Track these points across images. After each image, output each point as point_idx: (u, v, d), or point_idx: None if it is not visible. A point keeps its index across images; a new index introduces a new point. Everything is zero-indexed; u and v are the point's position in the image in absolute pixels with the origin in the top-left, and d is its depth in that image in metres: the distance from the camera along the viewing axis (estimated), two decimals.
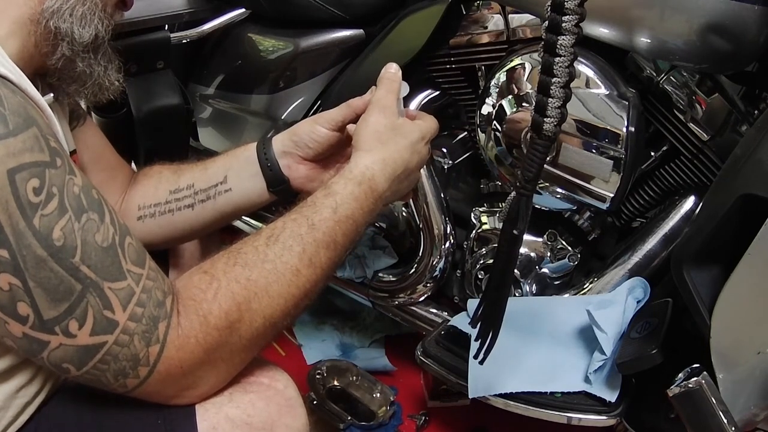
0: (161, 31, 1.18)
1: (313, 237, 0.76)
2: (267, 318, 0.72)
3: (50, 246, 0.59)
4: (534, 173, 0.75)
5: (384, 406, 1.32)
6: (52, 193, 0.60)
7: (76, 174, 0.63)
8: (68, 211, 0.61)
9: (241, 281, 0.70)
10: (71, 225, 0.61)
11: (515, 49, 1.06)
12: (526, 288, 1.14)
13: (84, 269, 0.61)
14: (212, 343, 0.68)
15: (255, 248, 0.73)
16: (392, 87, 0.92)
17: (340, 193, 0.81)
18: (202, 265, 0.73)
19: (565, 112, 0.71)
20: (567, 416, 0.97)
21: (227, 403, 0.71)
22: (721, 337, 0.79)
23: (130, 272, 0.65)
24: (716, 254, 0.82)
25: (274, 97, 1.27)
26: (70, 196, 0.62)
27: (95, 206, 0.64)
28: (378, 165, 0.85)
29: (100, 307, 0.62)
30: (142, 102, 1.16)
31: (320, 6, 1.18)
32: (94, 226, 0.63)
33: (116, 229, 0.65)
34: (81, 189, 0.63)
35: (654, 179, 1.07)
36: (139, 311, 0.64)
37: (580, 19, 0.67)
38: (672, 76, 0.98)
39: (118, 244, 0.65)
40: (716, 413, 0.76)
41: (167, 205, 0.99)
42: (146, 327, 0.64)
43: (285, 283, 0.73)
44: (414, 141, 0.90)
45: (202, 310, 0.68)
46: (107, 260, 0.63)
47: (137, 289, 0.65)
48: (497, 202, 1.21)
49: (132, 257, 0.66)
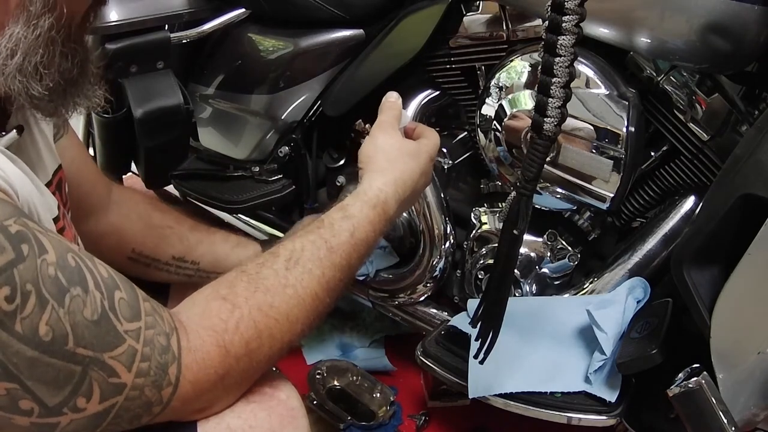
0: (161, 31, 1.18)
1: (331, 261, 0.76)
2: (285, 342, 0.72)
3: (39, 344, 0.55)
4: (534, 173, 0.75)
5: (384, 406, 1.31)
6: (26, 292, 0.54)
7: (47, 249, 0.57)
8: (49, 301, 0.56)
9: (263, 309, 0.70)
10: (56, 314, 0.56)
11: (515, 49, 1.06)
12: (526, 288, 1.14)
13: (80, 351, 0.57)
14: (229, 371, 0.67)
15: (275, 272, 0.73)
16: (393, 113, 0.96)
17: (356, 216, 0.82)
18: (219, 288, 0.71)
19: (565, 112, 0.71)
20: (567, 416, 0.97)
21: (229, 413, 0.70)
22: (721, 337, 0.79)
23: (128, 332, 0.61)
24: (716, 254, 0.82)
25: (274, 97, 1.27)
26: (47, 282, 0.56)
27: (76, 278, 0.58)
28: (390, 187, 0.87)
29: (104, 378, 0.59)
30: (142, 102, 1.15)
31: (320, 6, 1.17)
32: (79, 302, 0.58)
33: (103, 293, 0.60)
34: (56, 266, 0.57)
35: (654, 179, 1.07)
36: (145, 366, 0.61)
37: (580, 19, 0.67)
38: (672, 76, 0.98)
39: (108, 309, 0.60)
40: (716, 413, 0.76)
41: (167, 266, 1.02)
42: (155, 377, 0.62)
43: (305, 308, 0.73)
44: (423, 163, 0.92)
45: (223, 341, 0.66)
46: (101, 332, 0.59)
47: (138, 346, 0.61)
48: (497, 202, 1.21)
49: (126, 314, 0.62)
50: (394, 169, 0.89)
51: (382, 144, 0.92)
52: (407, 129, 0.98)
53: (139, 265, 1.01)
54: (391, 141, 0.92)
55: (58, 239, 0.60)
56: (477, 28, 1.12)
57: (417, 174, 0.91)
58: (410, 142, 0.94)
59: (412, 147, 0.93)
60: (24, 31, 0.59)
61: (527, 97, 1.01)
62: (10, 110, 0.67)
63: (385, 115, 0.96)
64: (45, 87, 0.61)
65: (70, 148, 0.93)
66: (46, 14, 0.59)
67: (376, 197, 0.85)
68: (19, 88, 0.60)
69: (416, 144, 0.94)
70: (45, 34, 0.59)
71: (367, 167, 0.90)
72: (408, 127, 0.99)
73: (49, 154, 0.78)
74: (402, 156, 0.91)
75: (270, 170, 1.37)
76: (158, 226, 1.02)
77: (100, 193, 0.99)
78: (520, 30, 1.07)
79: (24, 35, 0.59)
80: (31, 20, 0.59)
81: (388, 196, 0.86)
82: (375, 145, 0.92)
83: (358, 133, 1.32)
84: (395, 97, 0.98)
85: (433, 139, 0.97)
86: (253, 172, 1.38)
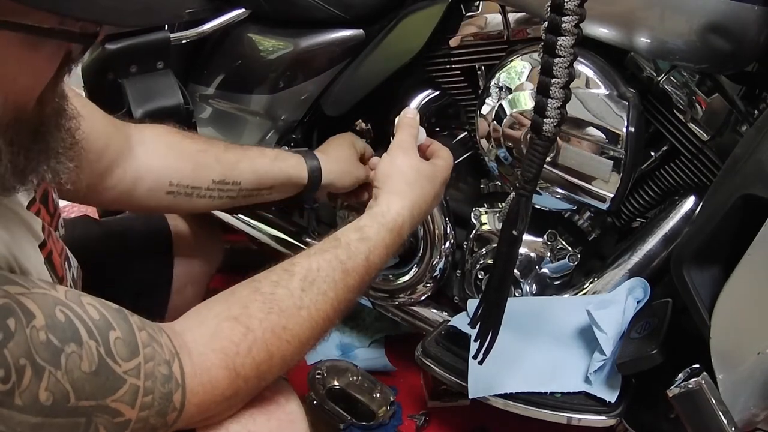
0: (161, 31, 1.18)
1: (345, 283, 0.77)
2: (294, 362, 0.73)
3: (42, 410, 0.53)
4: (534, 173, 0.75)
5: (384, 406, 1.32)
6: (21, 367, 0.52)
7: (33, 313, 0.54)
8: (45, 368, 0.53)
9: (276, 331, 0.69)
10: (54, 377, 0.54)
11: (515, 49, 1.06)
12: (526, 288, 1.14)
13: (83, 403, 0.56)
14: (237, 392, 0.67)
15: (290, 293, 0.72)
16: (411, 131, 0.96)
17: (373, 239, 0.82)
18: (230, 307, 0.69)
19: (564, 113, 0.71)
20: (567, 416, 0.97)
21: (227, 418, 0.70)
22: (721, 337, 0.79)
23: (128, 372, 0.59)
24: (716, 254, 0.82)
25: (274, 97, 1.27)
26: (40, 350, 0.53)
27: (68, 334, 0.56)
28: (407, 211, 0.87)
29: (110, 420, 0.58)
30: (142, 102, 1.15)
31: (320, 6, 1.17)
32: (76, 358, 0.55)
33: (98, 339, 0.58)
34: (46, 329, 0.54)
35: (654, 179, 1.07)
36: (148, 399, 0.60)
37: (579, 19, 0.67)
38: (672, 76, 0.98)
39: (105, 355, 0.58)
40: (716, 413, 0.76)
41: (209, 191, 0.98)
42: (159, 407, 0.61)
43: (317, 330, 0.73)
44: (437, 187, 0.93)
45: (233, 365, 0.66)
46: (101, 380, 0.57)
47: (140, 382, 0.60)
48: (497, 202, 1.21)
49: (123, 354, 0.59)
50: (412, 194, 0.89)
51: (400, 164, 0.92)
52: (421, 146, 0.98)
53: (180, 197, 0.97)
54: (409, 162, 0.92)
55: (42, 295, 0.56)
56: (477, 28, 1.12)
57: (431, 198, 0.92)
58: (427, 164, 0.94)
59: (429, 170, 0.93)
60: None
61: (527, 98, 1.01)
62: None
63: (403, 133, 0.96)
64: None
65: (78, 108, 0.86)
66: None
67: (394, 221, 0.85)
68: None
69: (433, 167, 0.94)
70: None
71: (385, 187, 0.90)
72: (422, 145, 0.99)
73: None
74: (420, 179, 0.91)
75: None
76: (191, 152, 0.98)
77: (118, 142, 0.92)
78: (520, 30, 1.07)
79: None
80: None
81: (405, 220, 0.87)
82: (394, 165, 0.92)
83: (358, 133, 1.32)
84: (413, 114, 0.98)
85: (447, 161, 0.98)
86: None
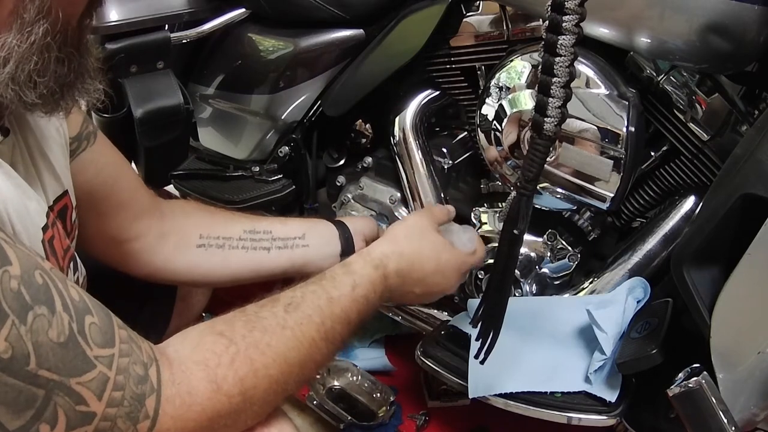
0: (161, 31, 1.18)
1: (331, 311, 0.76)
2: (281, 385, 0.69)
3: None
4: (534, 173, 0.74)
5: (384, 406, 1.31)
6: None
7: (11, 261, 0.53)
8: (9, 316, 0.52)
9: (260, 347, 0.68)
10: (16, 331, 0.52)
11: (515, 49, 1.06)
12: (526, 288, 1.14)
13: (43, 373, 0.53)
14: (219, 410, 0.64)
15: (274, 314, 0.72)
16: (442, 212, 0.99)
17: (358, 272, 0.82)
18: (214, 324, 0.69)
19: (565, 112, 0.71)
20: (567, 416, 0.97)
21: None
22: (721, 337, 0.79)
23: (99, 358, 0.57)
24: (716, 254, 0.82)
25: (274, 97, 1.27)
26: (8, 296, 0.52)
27: (42, 296, 0.54)
28: (394, 256, 0.87)
29: (71, 405, 0.55)
30: (142, 102, 1.16)
31: (320, 6, 1.18)
32: (44, 322, 0.54)
33: (72, 315, 0.56)
34: (20, 280, 0.53)
35: (654, 179, 1.07)
36: (118, 395, 0.57)
37: (580, 19, 0.67)
38: (672, 76, 0.98)
39: (77, 332, 0.56)
40: (716, 413, 0.76)
41: (241, 241, 0.98)
42: (130, 408, 0.58)
43: (303, 352, 0.71)
44: (443, 260, 0.91)
45: (215, 377, 0.63)
46: (68, 356, 0.55)
47: (111, 374, 0.57)
48: (497, 202, 1.21)
49: (97, 340, 0.58)
50: (407, 246, 0.89)
51: (410, 222, 0.94)
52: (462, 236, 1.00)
53: (211, 250, 0.97)
54: (419, 222, 0.94)
55: (26, 254, 0.56)
56: (477, 28, 1.12)
57: (431, 263, 0.90)
58: (443, 240, 0.94)
59: (439, 242, 0.93)
60: (17, 39, 0.56)
61: (527, 97, 1.01)
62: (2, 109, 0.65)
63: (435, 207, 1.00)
64: (38, 94, 0.59)
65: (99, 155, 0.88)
66: (41, 20, 0.56)
67: (379, 260, 0.86)
68: (11, 96, 0.58)
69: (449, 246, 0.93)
70: (39, 41, 0.57)
71: (383, 237, 0.92)
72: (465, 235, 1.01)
73: (52, 178, 0.75)
74: (421, 240, 0.91)
75: (270, 170, 1.37)
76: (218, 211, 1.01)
77: (142, 198, 0.95)
78: (520, 30, 1.07)
79: (17, 43, 0.56)
80: (24, 27, 0.56)
81: (390, 262, 0.86)
82: (403, 222, 0.94)
83: (358, 133, 1.32)
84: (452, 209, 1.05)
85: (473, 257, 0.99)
86: (253, 172, 1.38)
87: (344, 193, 1.34)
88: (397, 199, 1.28)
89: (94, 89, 0.66)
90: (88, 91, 0.65)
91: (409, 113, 1.22)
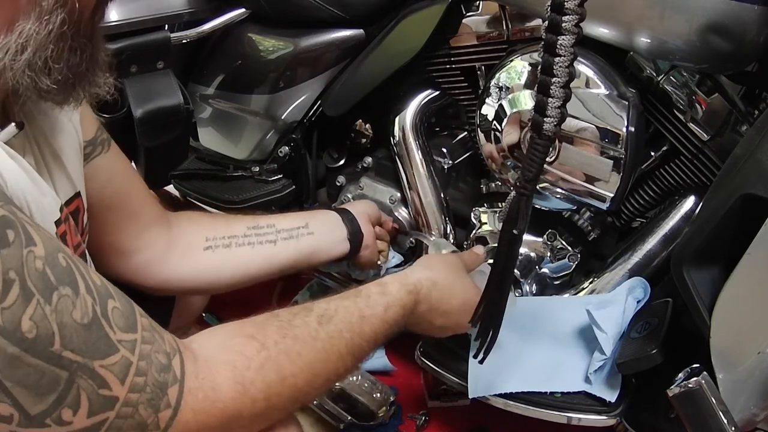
0: (161, 31, 1.18)
1: (361, 329, 0.77)
2: (303, 395, 0.70)
3: (22, 340, 0.51)
4: (534, 173, 0.74)
5: (384, 406, 1.31)
6: (9, 280, 0.51)
7: (35, 242, 0.54)
8: (34, 294, 0.52)
9: (291, 355, 0.68)
10: (41, 310, 0.52)
11: (515, 49, 1.06)
12: (526, 288, 1.14)
13: (67, 354, 0.53)
14: (242, 411, 0.64)
15: (306, 323, 0.72)
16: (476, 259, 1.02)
17: (392, 294, 0.83)
18: (244, 326, 0.69)
19: (565, 112, 0.71)
20: (567, 416, 0.97)
21: None
22: (721, 337, 0.79)
23: (122, 342, 0.57)
24: (716, 254, 0.82)
25: (274, 97, 1.27)
26: (33, 275, 0.52)
27: (66, 278, 0.55)
28: (428, 283, 0.88)
29: (94, 388, 0.55)
30: (142, 102, 1.16)
31: (320, 6, 1.18)
32: (68, 303, 0.54)
33: (95, 298, 0.57)
34: (45, 261, 0.54)
35: (654, 179, 1.07)
36: (140, 381, 0.57)
37: (580, 19, 0.67)
38: (672, 76, 0.98)
39: (101, 315, 0.56)
40: (716, 413, 0.76)
41: (246, 238, 0.99)
42: (151, 395, 0.58)
43: (329, 365, 0.72)
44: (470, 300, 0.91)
45: (243, 379, 0.64)
46: (92, 337, 0.55)
47: (133, 358, 0.57)
48: (497, 202, 1.21)
49: (120, 324, 0.58)
50: (439, 276, 0.90)
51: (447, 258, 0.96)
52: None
53: (218, 250, 0.97)
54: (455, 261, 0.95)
55: (49, 236, 0.56)
56: (477, 28, 1.12)
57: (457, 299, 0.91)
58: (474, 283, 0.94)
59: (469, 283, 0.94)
60: (35, 26, 0.58)
61: (527, 97, 1.01)
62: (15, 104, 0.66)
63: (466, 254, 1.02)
64: (54, 80, 0.61)
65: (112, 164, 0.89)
66: (58, 10, 0.58)
67: (414, 285, 0.86)
68: (27, 83, 0.60)
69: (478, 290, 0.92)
70: (56, 30, 0.59)
71: (419, 262, 0.93)
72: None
73: (63, 178, 0.75)
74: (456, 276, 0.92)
75: (270, 170, 1.37)
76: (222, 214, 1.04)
77: (151, 209, 0.95)
78: (520, 30, 1.07)
79: (35, 31, 0.58)
80: (43, 16, 0.58)
81: (423, 289, 0.87)
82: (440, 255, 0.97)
83: (358, 133, 1.32)
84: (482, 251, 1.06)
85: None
86: (253, 172, 1.38)
87: (344, 193, 1.34)
88: (397, 199, 1.28)
89: (105, 82, 0.68)
90: (99, 83, 0.67)
91: (409, 113, 1.22)
